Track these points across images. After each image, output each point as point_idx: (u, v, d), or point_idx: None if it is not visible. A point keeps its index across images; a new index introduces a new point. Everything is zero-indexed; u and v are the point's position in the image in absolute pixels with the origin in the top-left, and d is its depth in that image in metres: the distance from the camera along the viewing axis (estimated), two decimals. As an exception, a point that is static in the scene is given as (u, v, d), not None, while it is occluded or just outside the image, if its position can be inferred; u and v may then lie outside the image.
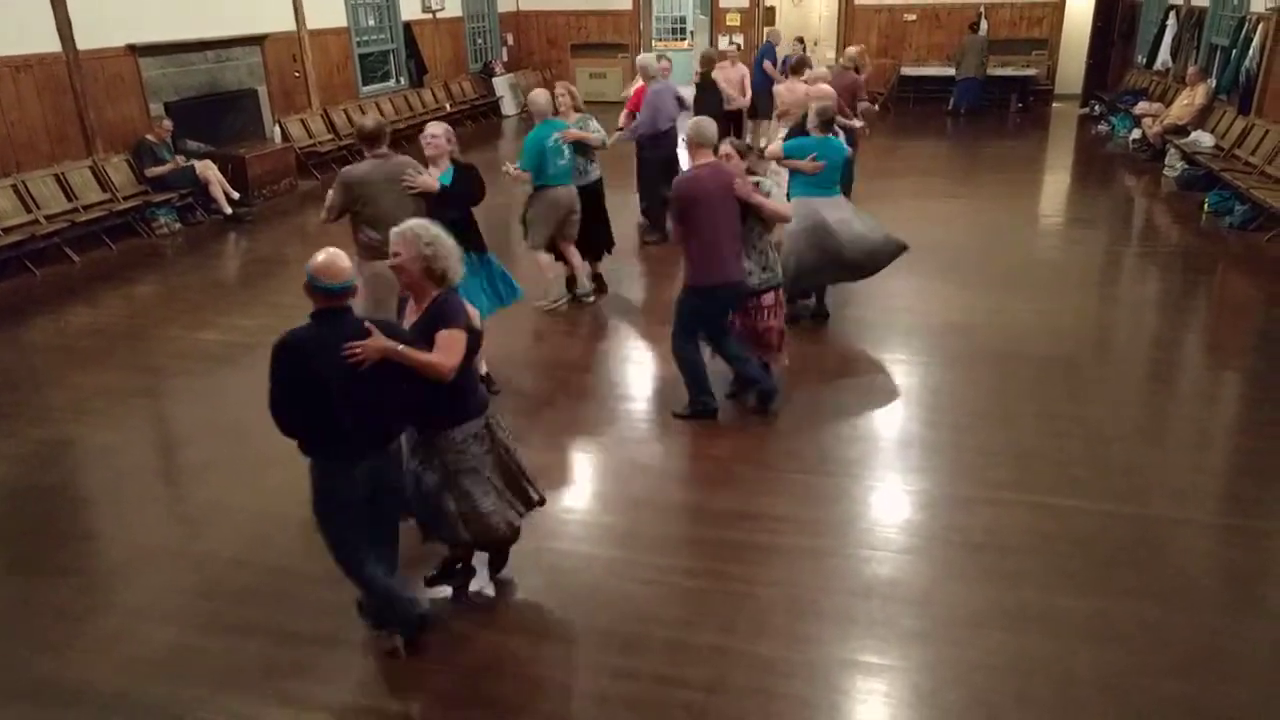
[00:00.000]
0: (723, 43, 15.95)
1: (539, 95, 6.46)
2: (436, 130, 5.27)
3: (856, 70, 9.24)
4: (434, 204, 4.85)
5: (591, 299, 6.99)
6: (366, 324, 3.06)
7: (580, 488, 4.75)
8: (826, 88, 7.10)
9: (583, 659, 3.47)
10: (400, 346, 3.07)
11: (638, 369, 5.99)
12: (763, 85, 11.00)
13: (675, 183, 4.94)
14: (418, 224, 3.33)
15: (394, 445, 3.29)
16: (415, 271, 3.26)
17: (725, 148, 5.01)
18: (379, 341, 3.02)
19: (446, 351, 3.16)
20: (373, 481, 3.20)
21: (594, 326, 6.77)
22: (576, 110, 6.85)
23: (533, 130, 6.40)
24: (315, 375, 3.01)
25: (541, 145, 6.29)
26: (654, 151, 8.28)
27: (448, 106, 14.99)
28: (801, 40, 12.94)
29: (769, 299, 5.21)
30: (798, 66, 8.74)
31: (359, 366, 2.99)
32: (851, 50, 9.98)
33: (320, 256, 3.04)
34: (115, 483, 4.84)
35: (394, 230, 3.32)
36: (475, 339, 3.33)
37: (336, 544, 3.28)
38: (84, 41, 8.83)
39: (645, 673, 3.37)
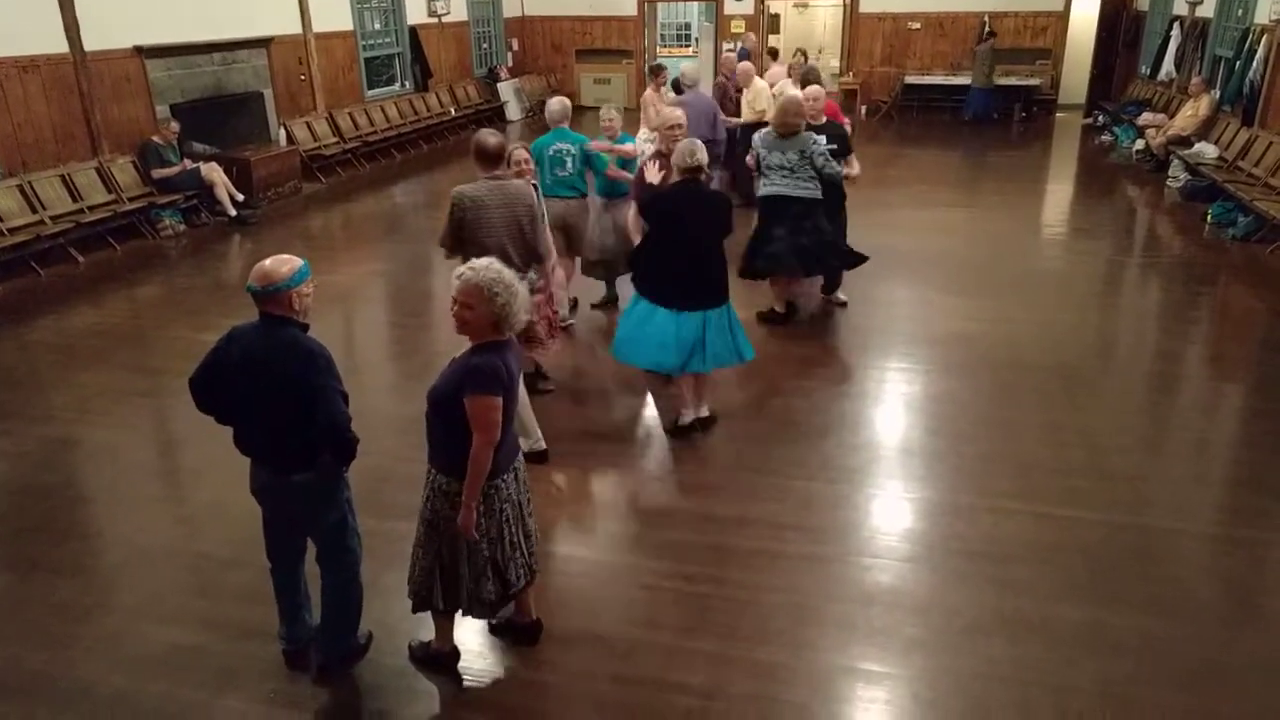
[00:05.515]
0: (725, 49, 15.92)
1: (555, 102, 6.43)
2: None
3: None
4: None
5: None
6: (302, 346, 2.97)
7: (581, 493, 4.75)
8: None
9: (582, 664, 3.46)
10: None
11: (637, 375, 5.97)
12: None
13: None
14: (486, 270, 2.99)
15: (300, 477, 3.10)
16: (484, 323, 3.01)
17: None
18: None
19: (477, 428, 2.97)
20: (264, 494, 3.21)
21: (597, 333, 6.77)
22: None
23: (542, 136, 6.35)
24: (229, 370, 3.06)
25: (541, 152, 6.22)
26: None
27: (452, 111, 15.03)
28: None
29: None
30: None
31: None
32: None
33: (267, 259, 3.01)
34: (116, 482, 4.84)
35: (459, 275, 3.01)
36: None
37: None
38: (91, 42, 8.85)
39: (645, 678, 3.37)
